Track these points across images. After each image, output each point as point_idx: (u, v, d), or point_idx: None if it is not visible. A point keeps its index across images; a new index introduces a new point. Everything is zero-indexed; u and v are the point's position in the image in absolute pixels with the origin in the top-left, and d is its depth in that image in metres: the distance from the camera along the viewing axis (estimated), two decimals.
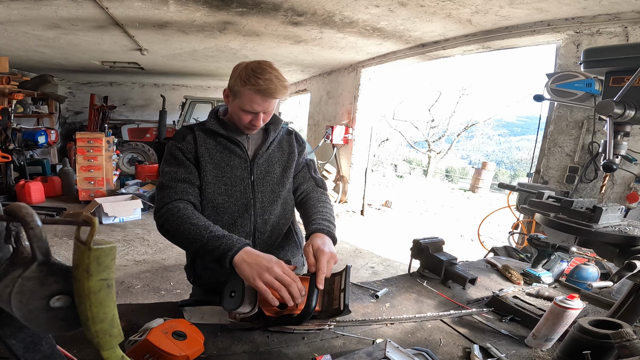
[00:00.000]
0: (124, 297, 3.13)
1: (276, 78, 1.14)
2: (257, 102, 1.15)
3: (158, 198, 1.17)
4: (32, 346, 0.45)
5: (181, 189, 1.17)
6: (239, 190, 1.24)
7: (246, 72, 1.14)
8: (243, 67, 1.17)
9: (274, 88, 1.14)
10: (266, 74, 1.13)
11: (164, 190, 1.17)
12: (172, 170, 1.20)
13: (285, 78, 1.19)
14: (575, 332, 0.83)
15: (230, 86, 1.21)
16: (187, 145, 1.23)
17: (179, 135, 1.27)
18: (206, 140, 1.25)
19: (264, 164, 1.29)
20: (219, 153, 1.24)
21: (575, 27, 2.99)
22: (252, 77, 1.12)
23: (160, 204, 1.14)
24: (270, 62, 1.19)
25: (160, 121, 8.87)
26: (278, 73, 1.17)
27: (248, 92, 1.14)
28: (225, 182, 1.23)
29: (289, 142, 1.37)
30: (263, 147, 1.28)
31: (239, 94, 1.17)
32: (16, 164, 5.97)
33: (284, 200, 1.32)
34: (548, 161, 3.26)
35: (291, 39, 4.55)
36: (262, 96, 1.14)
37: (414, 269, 1.51)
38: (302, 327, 1.00)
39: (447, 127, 17.11)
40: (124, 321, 0.79)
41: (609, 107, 0.97)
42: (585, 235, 1.01)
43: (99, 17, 3.79)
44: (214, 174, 1.22)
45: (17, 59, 6.38)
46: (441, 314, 1.15)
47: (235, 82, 1.17)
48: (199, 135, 1.25)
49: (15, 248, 0.40)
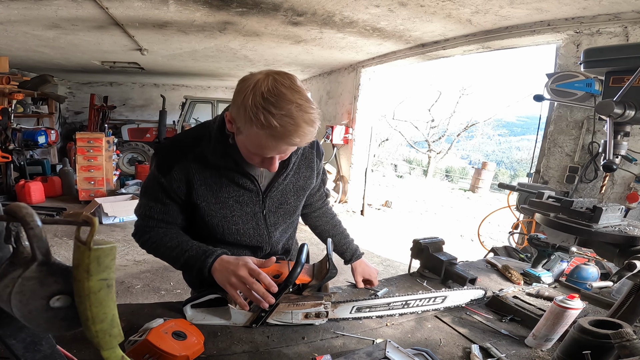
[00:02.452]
0: (124, 297, 3.13)
1: (299, 110, 0.81)
2: (270, 147, 0.86)
3: (135, 222, 1.10)
4: (32, 346, 0.45)
5: (152, 224, 1.06)
6: (251, 227, 1.11)
7: (254, 102, 0.81)
8: (250, 91, 0.82)
9: (294, 130, 0.81)
10: (284, 104, 0.80)
11: (139, 220, 1.09)
12: (147, 205, 1.04)
13: (312, 103, 0.86)
14: (575, 332, 0.83)
15: (233, 115, 0.89)
16: (173, 182, 0.99)
17: (163, 164, 0.99)
18: (205, 174, 1.00)
19: (278, 195, 1.10)
20: (224, 188, 1.02)
21: (575, 27, 2.99)
22: (262, 113, 0.80)
23: (135, 231, 1.10)
24: (289, 76, 0.86)
25: (160, 121, 8.88)
26: (302, 98, 0.83)
27: (256, 134, 0.83)
28: (236, 222, 1.08)
29: (309, 161, 1.15)
30: (279, 178, 1.07)
31: (244, 132, 0.87)
32: (16, 164, 5.97)
33: (292, 225, 1.27)
34: (548, 161, 3.26)
35: (291, 39, 4.55)
36: (277, 142, 0.84)
37: (414, 269, 1.51)
38: (299, 307, 1.01)
39: (447, 127, 17.12)
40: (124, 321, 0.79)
41: (609, 107, 0.97)
42: (585, 235, 1.01)
43: (99, 17, 3.79)
44: (221, 214, 1.05)
45: (17, 59, 6.39)
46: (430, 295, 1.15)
47: (239, 114, 0.85)
48: (194, 168, 0.99)
49: (15, 248, 0.40)
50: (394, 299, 1.13)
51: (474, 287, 1.27)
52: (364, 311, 1.10)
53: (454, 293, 1.20)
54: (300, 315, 1.02)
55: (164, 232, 1.06)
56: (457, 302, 1.21)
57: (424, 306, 1.17)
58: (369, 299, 1.11)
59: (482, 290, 1.26)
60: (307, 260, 1.07)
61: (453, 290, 1.21)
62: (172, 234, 1.06)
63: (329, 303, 1.03)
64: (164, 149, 1.04)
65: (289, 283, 0.96)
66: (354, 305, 1.09)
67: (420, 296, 1.16)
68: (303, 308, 1.01)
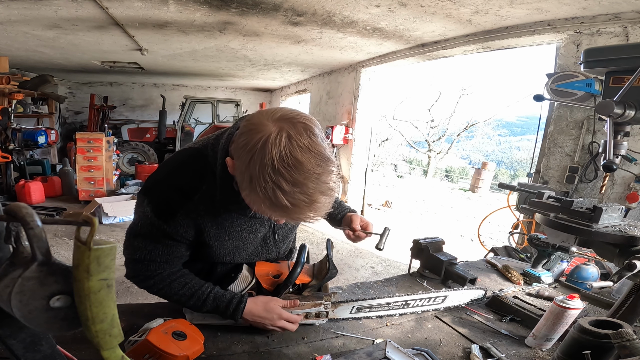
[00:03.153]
0: (124, 297, 3.13)
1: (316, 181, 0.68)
2: (279, 218, 0.79)
3: (130, 266, 0.94)
4: (32, 346, 0.45)
5: (154, 267, 0.92)
6: (260, 247, 1.07)
7: (262, 171, 0.67)
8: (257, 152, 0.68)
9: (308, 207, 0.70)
10: (300, 177, 0.67)
11: (135, 264, 0.93)
12: (145, 248, 0.90)
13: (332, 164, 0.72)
14: (575, 332, 0.83)
15: (235, 174, 0.78)
16: (179, 228, 0.88)
17: (164, 210, 0.86)
18: (213, 213, 0.90)
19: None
20: (235, 222, 0.94)
21: (575, 27, 2.99)
22: (272, 188, 0.67)
23: (133, 275, 0.95)
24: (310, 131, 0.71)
25: (160, 121, 8.88)
26: (321, 161, 0.69)
27: (264, 207, 0.73)
28: (247, 248, 1.02)
29: None
30: None
31: (248, 197, 0.75)
32: (16, 164, 5.97)
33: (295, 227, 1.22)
34: (548, 161, 3.26)
35: (291, 39, 4.55)
36: (286, 217, 0.75)
37: (414, 269, 1.51)
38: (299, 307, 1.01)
39: (447, 127, 17.12)
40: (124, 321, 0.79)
41: (609, 107, 0.97)
42: (585, 235, 1.01)
43: (99, 17, 3.79)
44: (233, 245, 0.98)
45: (17, 59, 6.38)
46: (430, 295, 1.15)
47: (243, 179, 0.73)
48: (203, 211, 0.88)
49: (15, 248, 0.40)
50: (394, 299, 1.13)
51: (474, 287, 1.27)
52: (364, 311, 1.10)
53: (454, 293, 1.20)
54: (300, 316, 1.02)
55: (169, 278, 0.93)
56: (457, 302, 1.21)
57: (424, 306, 1.17)
58: (369, 299, 1.11)
59: (482, 290, 1.26)
60: (307, 260, 1.07)
61: (453, 290, 1.21)
62: (179, 278, 0.95)
63: (329, 303, 1.03)
64: (158, 189, 0.90)
65: (289, 283, 0.96)
66: (354, 305, 1.08)
67: (420, 296, 1.16)
68: (303, 308, 1.01)
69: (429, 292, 1.19)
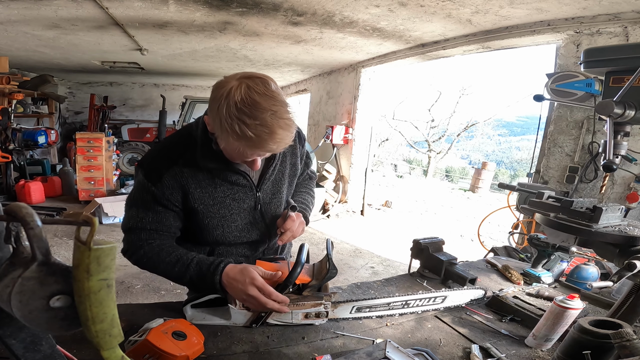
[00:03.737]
0: (124, 297, 3.13)
1: (274, 117, 0.82)
2: (248, 153, 0.89)
3: (124, 239, 1.03)
4: (32, 346, 0.45)
5: (145, 236, 1.00)
6: (249, 222, 1.12)
7: (228, 112, 0.81)
8: (223, 98, 0.82)
9: (270, 138, 0.82)
10: (258, 113, 0.81)
11: (128, 235, 1.02)
12: (137, 215, 1.00)
13: (288, 108, 0.86)
14: (575, 332, 0.83)
15: (210, 123, 0.91)
16: (165, 190, 0.98)
17: (152, 173, 0.98)
18: (198, 177, 1.00)
19: (270, 186, 1.13)
20: (219, 187, 1.03)
21: (575, 27, 2.99)
22: (236, 123, 0.81)
23: (127, 247, 1.03)
24: (264, 80, 0.86)
25: (160, 121, 8.88)
26: (276, 103, 0.83)
27: (232, 142, 0.85)
28: (234, 219, 1.08)
29: (292, 151, 1.18)
30: (269, 170, 1.09)
31: (221, 139, 0.89)
32: (16, 164, 5.97)
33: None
34: (548, 161, 3.26)
35: (291, 39, 4.55)
36: (253, 148, 0.86)
37: (414, 269, 1.51)
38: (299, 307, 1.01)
39: (447, 127, 17.13)
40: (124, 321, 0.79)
41: (609, 107, 0.97)
42: (585, 235, 1.01)
43: (99, 17, 3.79)
44: (220, 214, 1.05)
45: (17, 59, 6.39)
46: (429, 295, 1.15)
47: (215, 124, 0.87)
48: (186, 173, 0.99)
49: (15, 248, 0.40)
50: (394, 299, 1.13)
51: (474, 287, 1.27)
52: (364, 311, 1.10)
53: (454, 293, 1.20)
54: (300, 315, 1.02)
55: (159, 247, 1.00)
56: (457, 302, 1.21)
57: (424, 306, 1.17)
58: (369, 299, 1.11)
59: (482, 290, 1.26)
60: (307, 260, 1.07)
61: (453, 290, 1.21)
62: (167, 248, 1.01)
63: (329, 303, 1.03)
64: (149, 158, 1.03)
65: (289, 283, 0.96)
66: (354, 305, 1.09)
67: (420, 296, 1.16)
68: (303, 308, 1.01)
69: (429, 292, 1.19)
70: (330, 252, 1.06)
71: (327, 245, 1.10)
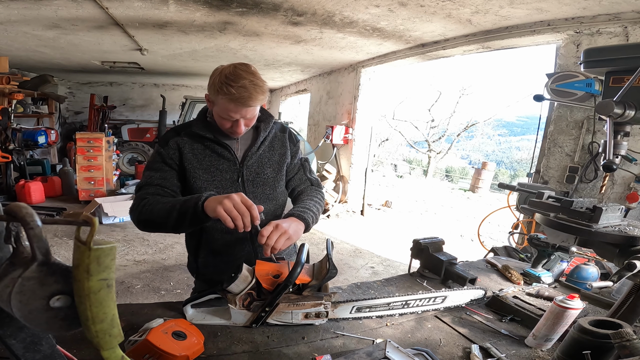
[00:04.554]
0: (124, 297, 3.13)
1: (251, 84, 1.10)
2: (232, 110, 1.12)
3: (134, 197, 1.21)
4: (32, 346, 0.45)
5: (152, 190, 1.18)
6: (230, 192, 1.18)
7: (220, 79, 1.11)
8: (217, 74, 1.14)
9: (248, 96, 1.10)
10: (240, 80, 1.09)
11: (139, 191, 1.20)
12: (148, 175, 1.21)
13: (263, 81, 1.14)
14: (575, 332, 0.83)
15: (208, 92, 1.19)
16: (169, 150, 1.22)
17: (163, 139, 1.26)
18: (193, 145, 1.23)
19: (254, 165, 1.28)
20: (207, 157, 1.24)
21: (575, 27, 2.99)
22: (224, 85, 1.09)
23: (135, 203, 1.18)
24: (247, 65, 1.15)
25: (160, 121, 8.87)
26: (254, 77, 1.12)
27: (222, 100, 1.12)
28: (217, 186, 1.23)
29: (282, 142, 1.35)
30: (253, 148, 1.27)
31: (214, 102, 1.16)
32: (16, 164, 5.97)
33: (275, 201, 1.34)
34: (548, 161, 3.26)
35: (291, 39, 4.55)
36: (236, 105, 1.11)
37: (414, 269, 1.51)
38: (299, 307, 1.01)
39: (447, 127, 17.12)
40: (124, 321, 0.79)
41: (609, 107, 0.97)
42: (585, 235, 1.01)
43: (99, 17, 3.79)
44: (204, 178, 1.23)
45: (17, 59, 6.38)
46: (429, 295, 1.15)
47: (211, 90, 1.15)
48: (185, 140, 1.24)
49: (15, 248, 0.40)
50: (394, 299, 1.13)
51: (474, 287, 1.27)
52: (364, 311, 1.10)
53: (454, 293, 1.20)
54: (300, 315, 1.02)
55: (160, 196, 1.16)
56: (457, 302, 1.21)
57: (424, 306, 1.17)
58: (369, 299, 1.11)
59: (482, 290, 1.26)
60: (307, 260, 1.07)
61: (453, 290, 1.21)
62: (168, 197, 1.17)
63: (329, 303, 1.03)
64: (165, 132, 1.30)
65: (289, 283, 0.96)
66: (354, 305, 1.09)
67: (420, 296, 1.16)
68: (303, 308, 1.01)
69: (429, 292, 1.19)
70: (330, 252, 1.06)
71: (327, 245, 1.10)
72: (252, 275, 1.02)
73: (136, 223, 1.17)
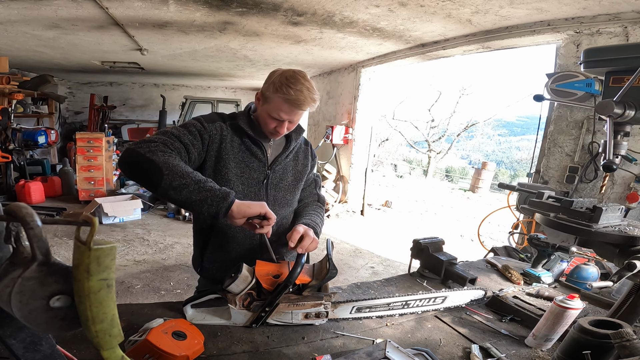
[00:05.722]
0: (124, 297, 3.13)
1: (307, 90, 1.17)
2: (285, 110, 1.18)
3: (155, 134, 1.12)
4: (32, 346, 0.45)
5: (177, 145, 1.10)
6: (253, 192, 1.27)
7: (280, 79, 1.17)
8: (278, 75, 1.19)
9: (303, 99, 1.17)
10: (299, 84, 1.16)
11: (162, 135, 1.11)
12: (183, 131, 1.15)
13: (316, 90, 1.22)
14: (575, 332, 0.83)
15: (263, 90, 1.23)
16: (212, 130, 1.21)
17: (209, 117, 1.26)
18: (233, 138, 1.26)
19: (280, 170, 1.32)
20: (241, 152, 1.26)
21: (575, 27, 2.99)
22: (284, 86, 1.15)
23: (150, 138, 1.08)
24: (305, 73, 1.22)
25: (160, 121, 8.87)
26: (310, 85, 1.19)
27: (277, 99, 1.17)
28: (243, 182, 1.26)
29: (305, 154, 1.41)
30: (282, 155, 1.31)
31: (269, 100, 1.20)
32: (16, 164, 5.97)
33: (290, 208, 1.39)
34: (548, 161, 3.26)
35: (291, 39, 4.55)
36: (290, 106, 1.17)
37: (414, 269, 1.51)
38: (299, 307, 1.01)
39: (447, 127, 17.11)
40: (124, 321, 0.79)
41: (609, 107, 0.97)
42: (585, 235, 1.01)
43: (99, 17, 3.79)
44: (234, 172, 1.24)
45: (17, 59, 6.38)
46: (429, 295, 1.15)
47: (268, 88, 1.19)
48: (228, 130, 1.25)
49: (15, 248, 0.40)
50: (394, 299, 1.13)
51: (474, 287, 1.27)
52: (364, 311, 1.10)
53: (454, 293, 1.20)
54: (300, 315, 1.02)
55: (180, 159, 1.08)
56: (457, 302, 1.21)
57: (424, 306, 1.17)
58: (369, 299, 1.11)
59: (482, 290, 1.26)
60: (307, 260, 1.07)
61: (453, 291, 1.21)
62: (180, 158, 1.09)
63: (329, 303, 1.03)
64: (211, 113, 1.29)
65: (289, 283, 0.96)
66: (354, 305, 1.09)
67: (420, 296, 1.16)
68: (303, 308, 1.01)
69: (429, 292, 1.19)
70: (330, 252, 1.06)
71: (327, 245, 1.10)
72: (252, 275, 1.02)
73: (128, 155, 1.04)
